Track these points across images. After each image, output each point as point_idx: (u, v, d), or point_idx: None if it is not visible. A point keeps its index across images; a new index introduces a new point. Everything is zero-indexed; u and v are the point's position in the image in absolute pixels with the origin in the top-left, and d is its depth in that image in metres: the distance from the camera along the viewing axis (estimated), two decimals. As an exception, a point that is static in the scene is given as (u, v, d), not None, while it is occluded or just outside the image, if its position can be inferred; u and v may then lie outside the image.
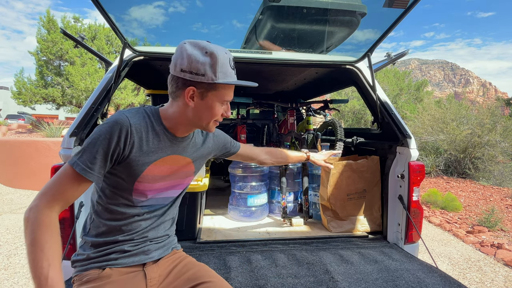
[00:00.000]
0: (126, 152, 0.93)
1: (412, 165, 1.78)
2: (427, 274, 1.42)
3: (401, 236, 1.83)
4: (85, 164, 0.87)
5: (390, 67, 16.34)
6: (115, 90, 1.86)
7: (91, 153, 0.87)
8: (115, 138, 0.89)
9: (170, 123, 1.01)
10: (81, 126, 1.63)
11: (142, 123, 0.96)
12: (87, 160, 0.87)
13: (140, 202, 1.00)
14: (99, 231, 0.99)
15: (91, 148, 0.88)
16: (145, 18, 1.92)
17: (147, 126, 0.97)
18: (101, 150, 0.88)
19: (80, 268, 0.97)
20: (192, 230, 1.91)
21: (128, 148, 0.93)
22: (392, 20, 1.63)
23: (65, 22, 11.17)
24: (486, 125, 7.56)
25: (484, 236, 3.86)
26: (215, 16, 2.17)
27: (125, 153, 0.93)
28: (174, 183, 1.08)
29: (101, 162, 0.89)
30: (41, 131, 8.55)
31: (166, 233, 1.11)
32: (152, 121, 0.99)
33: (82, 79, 10.56)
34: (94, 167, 0.87)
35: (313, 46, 2.27)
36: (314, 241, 1.89)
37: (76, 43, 2.00)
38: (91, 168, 0.87)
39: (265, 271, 1.43)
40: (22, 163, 6.07)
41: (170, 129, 1.02)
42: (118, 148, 0.91)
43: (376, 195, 2.07)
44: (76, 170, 0.86)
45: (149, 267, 1.03)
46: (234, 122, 3.38)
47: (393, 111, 1.96)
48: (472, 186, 6.64)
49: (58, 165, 1.53)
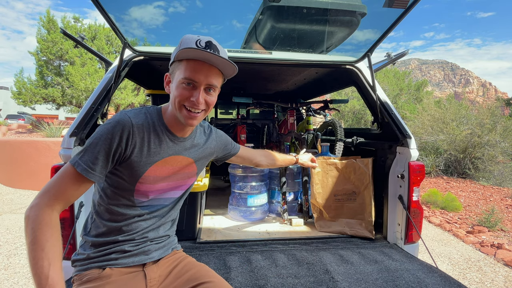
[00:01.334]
0: (128, 153, 0.93)
1: (412, 165, 1.78)
2: (427, 274, 1.42)
3: (401, 236, 1.83)
4: (86, 164, 0.86)
5: (390, 67, 16.34)
6: (115, 90, 1.86)
7: (93, 153, 0.87)
8: (117, 138, 0.89)
9: (169, 120, 1.01)
10: (81, 126, 1.63)
11: (144, 124, 0.96)
12: (89, 160, 0.87)
13: (141, 202, 1.00)
14: (99, 231, 0.99)
15: (93, 148, 0.88)
16: (145, 18, 1.92)
17: (149, 127, 0.97)
18: (103, 150, 0.88)
19: (80, 267, 0.97)
20: (192, 230, 1.91)
21: (130, 149, 0.93)
22: (392, 20, 1.63)
23: (65, 22, 11.17)
24: (486, 125, 7.56)
25: (484, 236, 3.86)
26: (215, 16, 2.17)
27: (127, 154, 0.92)
28: (175, 184, 1.07)
29: (102, 162, 0.88)
30: (41, 131, 8.55)
31: (167, 233, 1.11)
32: (154, 121, 0.99)
33: (82, 79, 10.56)
34: (95, 167, 0.87)
35: (313, 46, 2.27)
36: (314, 241, 1.89)
37: (76, 43, 2.00)
38: (93, 169, 0.87)
39: (265, 271, 1.43)
40: (22, 163, 6.07)
41: (171, 127, 1.01)
42: (120, 148, 0.90)
43: (367, 198, 2.00)
44: (77, 170, 0.86)
45: (149, 267, 1.03)
46: (234, 122, 3.39)
47: (393, 111, 1.96)
48: (472, 186, 6.64)
49: (58, 165, 1.52)
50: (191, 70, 0.92)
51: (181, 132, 1.04)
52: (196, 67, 0.93)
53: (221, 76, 1.00)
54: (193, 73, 0.93)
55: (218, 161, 1.37)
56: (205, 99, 0.96)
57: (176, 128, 1.02)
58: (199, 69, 0.93)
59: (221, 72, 0.99)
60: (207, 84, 0.95)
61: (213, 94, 0.99)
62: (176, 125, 1.01)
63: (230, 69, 0.98)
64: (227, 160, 1.39)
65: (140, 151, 0.95)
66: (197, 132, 1.13)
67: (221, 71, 0.99)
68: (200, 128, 1.17)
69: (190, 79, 0.93)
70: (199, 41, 0.92)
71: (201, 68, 0.93)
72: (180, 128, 1.03)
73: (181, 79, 0.93)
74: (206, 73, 0.94)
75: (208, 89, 0.97)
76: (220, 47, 0.96)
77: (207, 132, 1.20)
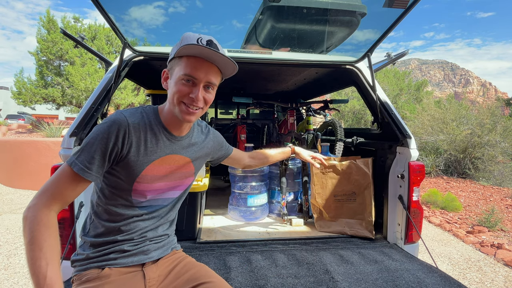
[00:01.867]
0: (124, 152, 0.93)
1: (412, 165, 1.78)
2: (427, 274, 1.42)
3: (401, 236, 1.83)
4: (83, 164, 0.87)
5: (390, 67, 16.34)
6: (115, 90, 1.86)
7: (89, 152, 0.87)
8: (113, 138, 0.90)
9: (166, 118, 1.01)
10: (81, 126, 1.63)
11: (140, 123, 0.96)
12: (85, 160, 0.87)
13: (139, 202, 1.00)
14: (98, 231, 0.99)
15: (89, 148, 0.88)
16: (145, 18, 1.92)
17: (146, 126, 0.97)
18: (99, 150, 0.88)
19: (79, 267, 0.97)
20: (192, 230, 1.91)
21: (127, 148, 0.93)
22: (392, 20, 1.63)
23: (65, 22, 11.17)
24: (486, 125, 7.56)
25: (484, 236, 3.86)
26: (215, 16, 2.17)
27: (123, 153, 0.93)
28: (173, 184, 1.07)
29: (99, 162, 0.89)
30: (41, 131, 8.55)
31: (166, 232, 1.11)
32: (150, 120, 0.99)
33: (82, 79, 10.56)
34: (92, 167, 0.87)
35: (313, 46, 2.27)
36: (314, 241, 1.89)
37: (76, 43, 2.00)
38: (89, 168, 0.87)
39: (265, 271, 1.43)
40: (22, 163, 6.07)
41: (167, 126, 1.01)
42: (116, 148, 0.91)
43: (367, 198, 2.00)
44: (74, 170, 0.86)
45: (148, 267, 1.03)
46: (234, 122, 3.39)
47: (393, 111, 1.96)
48: (472, 186, 6.64)
49: (58, 165, 1.52)
50: (192, 67, 0.93)
51: (178, 131, 1.03)
52: (196, 64, 0.93)
53: (220, 75, 1.01)
54: (193, 70, 0.93)
55: (213, 162, 1.35)
56: (203, 97, 0.96)
57: (173, 126, 1.02)
58: (199, 67, 0.93)
59: (220, 71, 1.00)
60: (206, 82, 0.96)
61: (212, 92, 0.99)
62: (173, 123, 1.01)
63: (230, 67, 0.98)
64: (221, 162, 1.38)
65: (136, 150, 0.95)
66: (194, 131, 1.13)
67: (221, 69, 0.99)
68: (197, 128, 1.17)
69: (190, 76, 0.93)
70: (201, 39, 0.92)
71: (202, 66, 0.93)
72: (177, 126, 1.02)
73: (181, 75, 0.93)
74: (206, 70, 0.94)
75: (207, 86, 0.97)
76: (220, 47, 0.97)
77: (205, 132, 1.20)
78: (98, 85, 1.81)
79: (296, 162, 2.50)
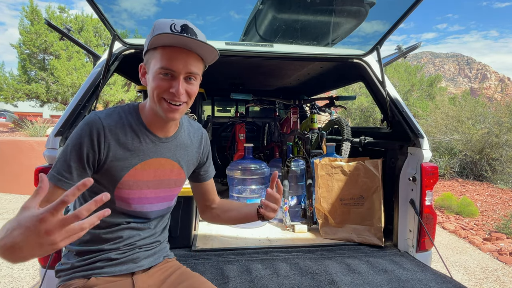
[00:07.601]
0: (102, 156, 0.92)
1: (424, 167, 1.78)
2: (441, 284, 1.42)
3: (412, 243, 1.83)
4: (60, 174, 0.87)
5: (401, 61, 16.33)
6: (104, 85, 1.86)
7: (65, 161, 0.88)
8: (87, 142, 0.89)
9: (147, 118, 1.00)
10: (67, 124, 1.63)
11: (118, 124, 0.95)
12: (62, 169, 0.88)
13: (126, 211, 1.00)
14: (83, 239, 0.98)
15: (64, 157, 0.89)
16: (136, 8, 1.92)
17: (124, 126, 0.96)
18: (74, 157, 0.88)
19: (64, 277, 0.97)
20: (186, 237, 1.91)
21: (104, 152, 0.92)
22: (403, 10, 1.63)
23: (49, 12, 11.19)
24: (504, 124, 7.56)
25: (502, 243, 3.86)
26: (211, 6, 2.17)
27: (101, 157, 0.92)
28: (162, 193, 1.05)
29: (78, 170, 0.89)
30: (24, 130, 8.54)
31: (157, 239, 1.11)
32: (129, 120, 0.97)
33: (68, 74, 10.56)
34: (70, 176, 0.88)
35: (318, 38, 2.28)
36: (318, 249, 1.89)
37: (61, 35, 2.00)
38: (67, 178, 0.88)
39: (266, 282, 1.43)
40: (4, 165, 6.07)
41: (150, 126, 1.00)
42: (92, 152, 0.90)
43: (376, 203, 2.00)
44: (52, 182, 0.86)
45: (138, 276, 1.02)
46: (232, 121, 3.38)
47: (404, 109, 1.96)
48: (490, 190, 6.64)
49: (42, 167, 1.53)
50: (168, 59, 0.89)
51: (162, 131, 1.01)
52: (173, 55, 0.89)
53: (201, 62, 0.97)
54: (170, 62, 0.89)
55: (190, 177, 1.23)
56: (186, 90, 0.93)
57: (156, 126, 1.00)
58: (176, 57, 0.89)
59: (201, 58, 0.96)
60: (186, 73, 0.92)
61: (194, 83, 0.95)
62: (156, 122, 0.99)
63: (210, 53, 0.94)
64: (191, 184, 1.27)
65: (115, 155, 0.93)
66: (183, 131, 1.10)
67: (202, 56, 0.95)
68: (188, 128, 1.13)
69: (167, 69, 0.89)
70: (174, 25, 0.89)
71: (179, 56, 0.90)
72: (161, 126, 1.00)
73: (158, 69, 0.90)
74: (184, 60, 0.90)
75: (188, 78, 0.93)
76: (198, 30, 0.93)
77: (198, 134, 1.16)
78: (86, 80, 1.81)
79: (299, 163, 2.50)
